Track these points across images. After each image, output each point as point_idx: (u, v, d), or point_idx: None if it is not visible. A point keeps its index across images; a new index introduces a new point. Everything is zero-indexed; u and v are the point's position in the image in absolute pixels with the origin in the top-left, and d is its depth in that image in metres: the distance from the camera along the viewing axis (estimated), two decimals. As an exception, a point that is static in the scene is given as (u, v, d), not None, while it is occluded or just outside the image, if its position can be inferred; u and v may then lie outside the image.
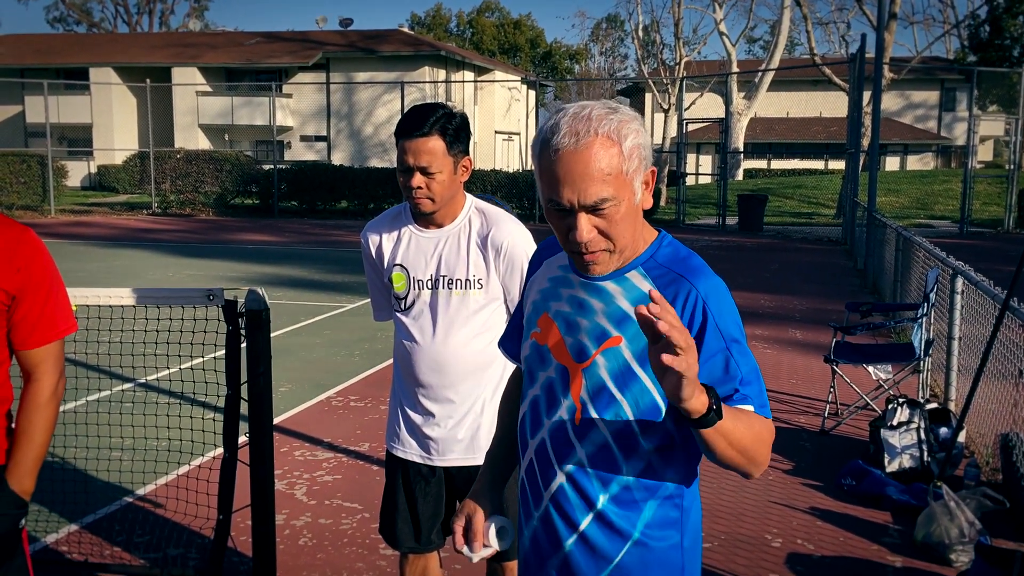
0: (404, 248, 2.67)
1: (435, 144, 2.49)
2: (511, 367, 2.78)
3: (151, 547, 3.99)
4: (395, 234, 2.70)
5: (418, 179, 2.51)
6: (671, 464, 1.68)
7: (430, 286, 2.64)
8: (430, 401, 2.69)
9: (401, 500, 2.79)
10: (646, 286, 1.65)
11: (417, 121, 2.50)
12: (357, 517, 4.35)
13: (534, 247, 2.60)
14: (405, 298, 2.68)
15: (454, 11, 65.10)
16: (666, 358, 1.34)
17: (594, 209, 1.57)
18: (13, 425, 2.23)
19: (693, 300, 1.61)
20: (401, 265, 2.67)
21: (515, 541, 2.74)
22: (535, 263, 1.89)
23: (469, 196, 2.69)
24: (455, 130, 2.53)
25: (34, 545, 3.99)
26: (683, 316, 1.61)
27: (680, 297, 1.62)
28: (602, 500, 1.68)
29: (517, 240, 2.61)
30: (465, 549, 1.82)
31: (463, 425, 2.69)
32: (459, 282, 2.61)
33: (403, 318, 2.71)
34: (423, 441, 2.72)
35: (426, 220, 2.65)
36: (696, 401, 1.41)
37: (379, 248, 2.72)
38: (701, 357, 1.57)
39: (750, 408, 1.57)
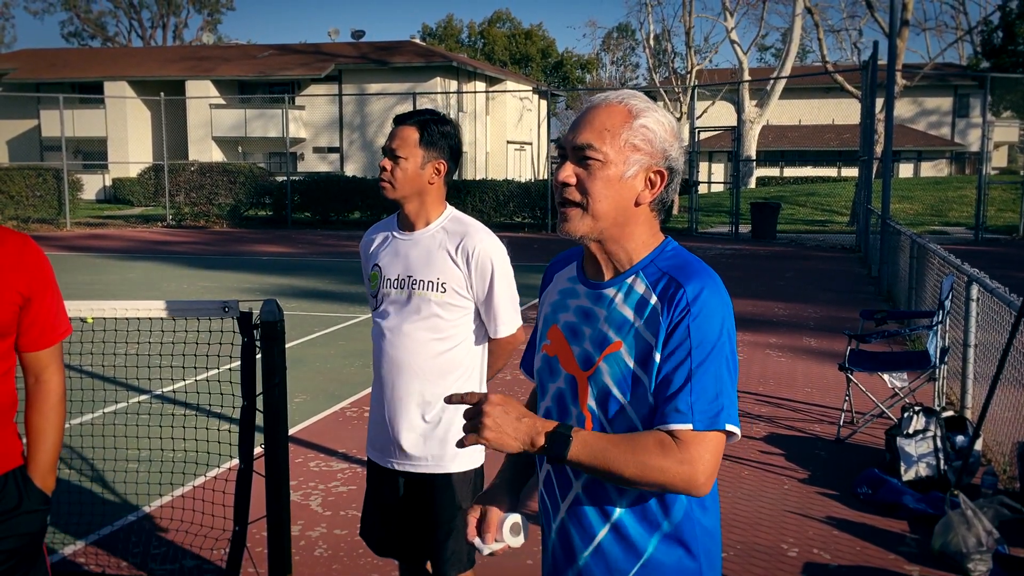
0: (383, 249, 2.79)
1: (409, 133, 2.66)
2: (483, 378, 2.83)
3: (167, 558, 4.01)
4: (380, 237, 2.83)
5: (385, 162, 2.67)
6: None
7: (396, 286, 2.72)
8: (388, 400, 2.73)
9: (373, 504, 2.84)
10: (642, 288, 1.66)
11: (407, 113, 2.71)
12: (372, 528, 4.35)
13: (506, 256, 2.68)
14: (376, 296, 2.79)
15: (465, 22, 65.26)
16: (469, 439, 1.58)
17: (581, 156, 1.65)
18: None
19: (678, 300, 1.61)
20: (377, 265, 2.78)
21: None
22: (547, 279, 1.91)
23: (450, 207, 2.77)
24: (435, 131, 2.66)
25: (52, 557, 4.01)
26: (670, 317, 1.60)
27: (669, 299, 1.62)
28: (617, 512, 1.68)
29: (487, 248, 2.67)
30: (477, 541, 1.81)
31: (417, 429, 2.71)
32: (421, 283, 2.68)
33: (374, 317, 2.81)
34: (387, 445, 2.76)
35: (406, 224, 2.75)
36: (522, 447, 1.57)
37: (367, 250, 2.86)
38: (665, 352, 1.60)
39: (686, 427, 1.55)
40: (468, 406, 1.59)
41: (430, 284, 2.66)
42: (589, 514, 1.70)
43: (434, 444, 2.70)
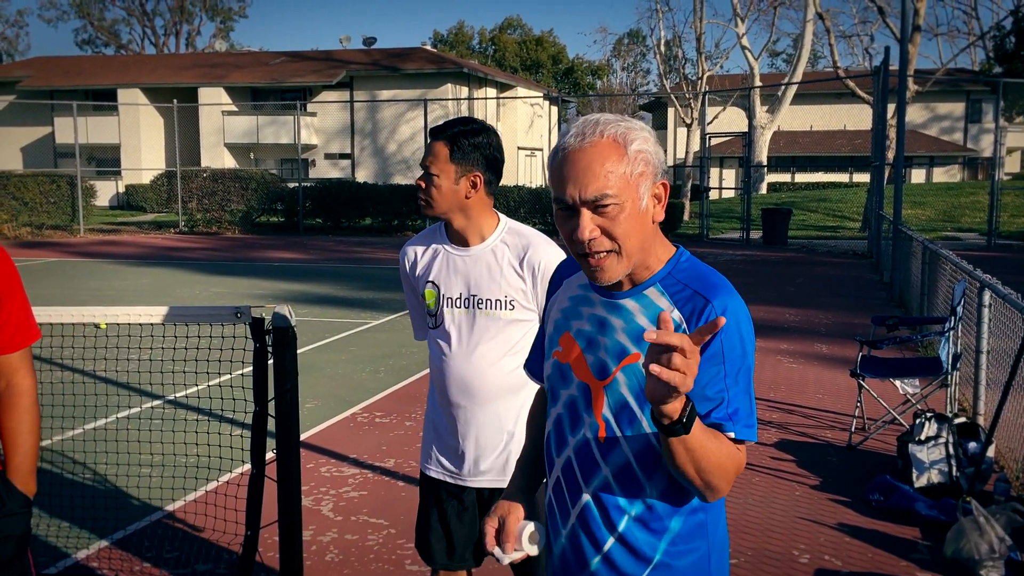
0: (436, 265, 2.70)
1: (440, 149, 2.58)
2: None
3: (180, 563, 4.03)
4: (429, 251, 2.73)
5: (421, 180, 2.62)
6: None
7: (459, 304, 2.65)
8: (460, 421, 2.68)
9: (435, 520, 2.80)
10: (664, 303, 1.66)
11: (440, 127, 2.63)
12: (383, 533, 4.37)
13: None
14: (435, 315, 2.71)
15: (476, 28, 65.33)
16: (665, 373, 1.38)
17: (595, 206, 1.60)
18: None
19: (707, 317, 1.62)
20: (433, 282, 2.70)
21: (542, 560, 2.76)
22: (555, 283, 1.90)
23: (503, 217, 2.70)
24: (466, 143, 2.58)
25: (65, 561, 4.04)
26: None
27: (696, 314, 1.63)
28: (626, 518, 1.69)
29: (553, 261, 2.60)
30: (496, 550, 1.81)
31: (494, 446, 2.67)
32: (488, 302, 2.62)
33: (434, 335, 2.73)
34: (455, 461, 2.73)
35: (458, 238, 2.67)
36: (671, 408, 1.44)
37: (414, 265, 2.76)
38: (700, 367, 1.58)
39: (730, 434, 1.59)
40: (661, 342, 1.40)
41: (497, 303, 2.61)
42: (599, 520, 1.71)
43: (513, 459, 2.66)
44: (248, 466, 3.46)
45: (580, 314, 1.77)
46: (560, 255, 2.64)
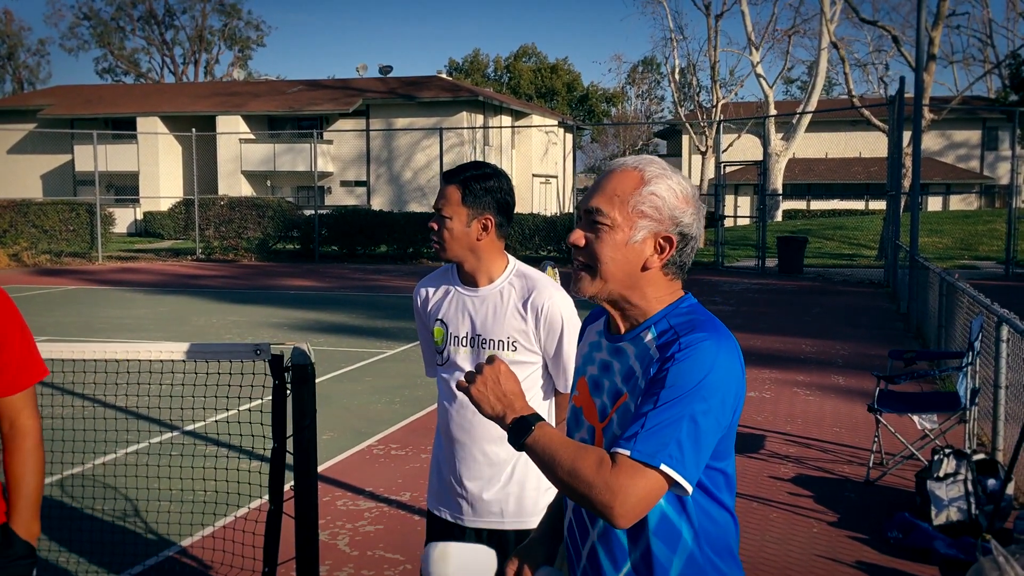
0: (446, 305, 2.76)
1: (452, 192, 2.65)
2: None
3: (197, 598, 4.03)
4: (440, 291, 2.80)
5: (433, 223, 2.69)
6: (691, 517, 1.69)
7: (465, 344, 2.71)
8: (460, 460, 2.72)
9: None
10: (652, 345, 1.69)
11: (452, 171, 2.70)
12: (399, 568, 4.36)
13: (574, 312, 2.66)
14: (442, 353, 2.77)
15: (492, 56, 65.78)
16: (461, 385, 1.76)
17: (591, 220, 1.71)
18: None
19: (672, 347, 1.64)
20: (441, 320, 2.76)
21: None
22: (582, 332, 1.97)
23: (512, 259, 2.75)
24: (477, 187, 2.64)
25: (83, 596, 4.06)
26: (659, 363, 1.64)
27: (665, 348, 1.65)
28: (629, 561, 1.72)
29: (557, 303, 2.65)
30: None
31: (492, 488, 2.69)
32: (492, 342, 2.67)
33: (441, 372, 2.79)
34: (454, 500, 2.75)
35: (468, 279, 2.73)
36: (488, 411, 1.72)
37: (425, 302, 2.83)
38: (642, 386, 1.66)
39: (625, 453, 1.56)
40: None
41: (500, 343, 2.66)
42: (604, 562, 1.75)
43: (511, 500, 2.69)
44: (263, 500, 3.47)
45: (593, 359, 1.83)
46: (568, 302, 2.69)
